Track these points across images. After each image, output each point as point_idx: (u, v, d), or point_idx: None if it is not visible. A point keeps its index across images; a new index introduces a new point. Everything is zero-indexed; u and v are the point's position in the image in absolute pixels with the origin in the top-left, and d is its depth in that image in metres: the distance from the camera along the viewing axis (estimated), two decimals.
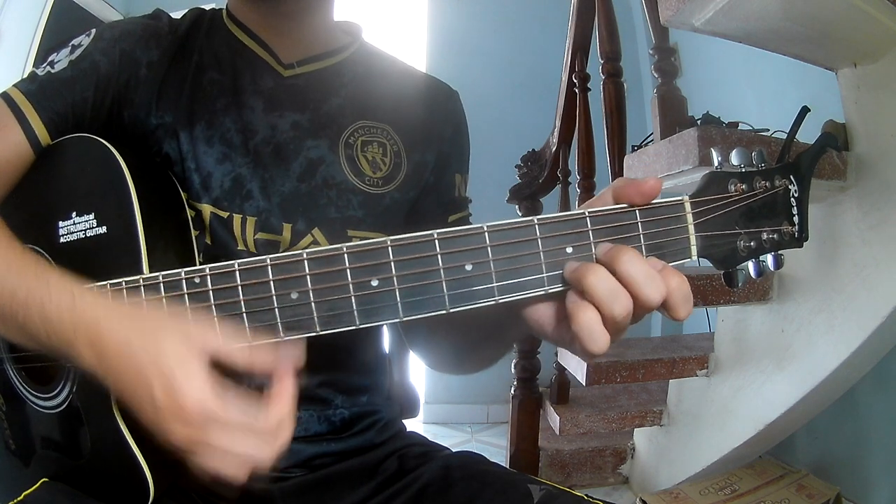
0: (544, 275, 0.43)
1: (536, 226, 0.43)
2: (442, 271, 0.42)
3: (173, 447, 0.43)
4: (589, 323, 0.41)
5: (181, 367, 0.42)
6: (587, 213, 0.43)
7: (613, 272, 0.41)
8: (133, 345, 0.43)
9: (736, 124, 1.47)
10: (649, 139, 1.59)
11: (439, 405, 2.92)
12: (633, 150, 1.56)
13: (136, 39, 0.64)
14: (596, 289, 0.41)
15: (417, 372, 0.90)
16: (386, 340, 0.81)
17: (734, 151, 0.46)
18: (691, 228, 0.45)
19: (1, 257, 0.49)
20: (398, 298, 0.42)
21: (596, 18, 1.67)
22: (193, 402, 0.41)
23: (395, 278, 0.42)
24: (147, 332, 0.43)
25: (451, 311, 0.42)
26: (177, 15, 0.69)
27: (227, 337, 0.44)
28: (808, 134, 0.49)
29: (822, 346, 1.27)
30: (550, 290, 0.43)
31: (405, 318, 0.42)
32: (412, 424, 0.81)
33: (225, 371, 0.44)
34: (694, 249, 0.45)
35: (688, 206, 0.45)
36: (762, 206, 0.46)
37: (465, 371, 0.72)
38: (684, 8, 1.10)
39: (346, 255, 0.42)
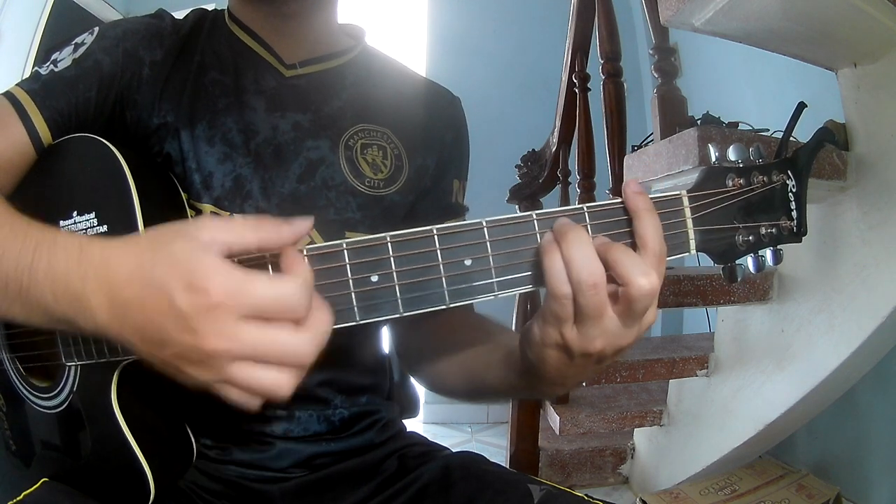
0: (539, 269, 0.43)
1: (535, 221, 0.43)
2: (441, 266, 0.42)
3: (209, 370, 0.39)
4: (553, 263, 0.41)
5: (199, 259, 0.38)
6: (585, 208, 0.44)
7: (561, 252, 0.41)
8: (144, 265, 0.39)
9: (736, 124, 1.47)
10: (649, 139, 1.59)
11: (439, 405, 2.91)
12: (633, 150, 1.56)
13: (139, 39, 0.64)
14: (547, 272, 0.41)
15: None
16: (386, 341, 0.81)
17: (732, 147, 0.46)
18: (689, 223, 0.45)
19: (6, 230, 0.46)
20: (398, 294, 0.42)
21: (596, 18, 1.67)
22: (220, 287, 0.37)
23: (394, 274, 0.42)
24: (154, 248, 0.40)
25: (452, 305, 0.42)
26: (178, 15, 0.70)
27: (234, 220, 0.40)
28: (809, 134, 0.49)
29: (822, 346, 1.27)
30: None
31: (405, 314, 0.42)
32: (412, 424, 0.81)
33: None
34: (692, 244, 0.45)
35: (686, 201, 0.45)
36: (760, 200, 0.46)
37: (465, 402, 0.72)
38: (684, 8, 1.10)
39: (345, 252, 0.42)
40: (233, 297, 0.37)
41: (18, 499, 0.55)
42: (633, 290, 0.41)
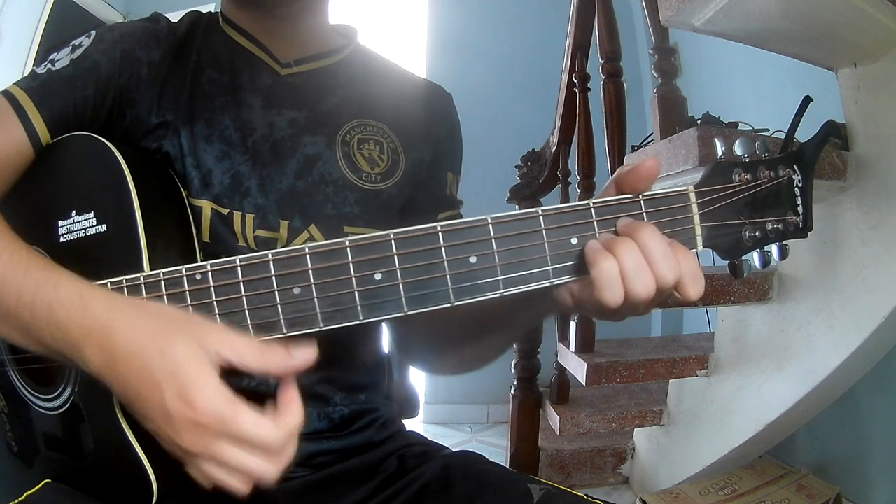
0: (549, 267, 0.43)
1: (541, 217, 0.43)
2: (446, 264, 0.42)
3: (179, 454, 0.43)
4: (609, 270, 0.41)
5: (196, 373, 0.41)
6: (592, 204, 0.43)
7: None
8: (146, 350, 0.42)
9: (736, 124, 1.47)
10: (649, 139, 1.59)
11: (439, 405, 2.91)
12: (633, 150, 1.56)
13: (136, 40, 0.65)
14: (625, 259, 0.41)
15: (417, 372, 0.90)
16: (386, 341, 0.81)
17: (738, 141, 0.46)
18: (696, 219, 0.45)
19: (6, 258, 0.48)
20: (402, 292, 0.42)
21: (596, 18, 1.67)
22: (208, 410, 0.41)
23: (398, 271, 0.42)
24: (160, 336, 0.43)
25: (456, 304, 0.42)
26: (175, 16, 0.70)
27: (240, 341, 0.43)
28: (809, 134, 0.49)
29: (822, 346, 1.27)
30: (556, 282, 0.43)
31: (409, 312, 0.42)
32: (412, 424, 0.81)
33: (230, 370, 0.44)
34: (699, 240, 0.45)
35: (692, 196, 0.45)
36: (767, 195, 0.46)
37: (465, 370, 0.72)
38: (684, 8, 1.10)
39: (348, 249, 0.41)
40: (217, 423, 0.41)
41: (20, 499, 0.54)
42: (657, 281, 0.42)
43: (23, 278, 0.46)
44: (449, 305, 0.42)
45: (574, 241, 0.43)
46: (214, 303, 0.45)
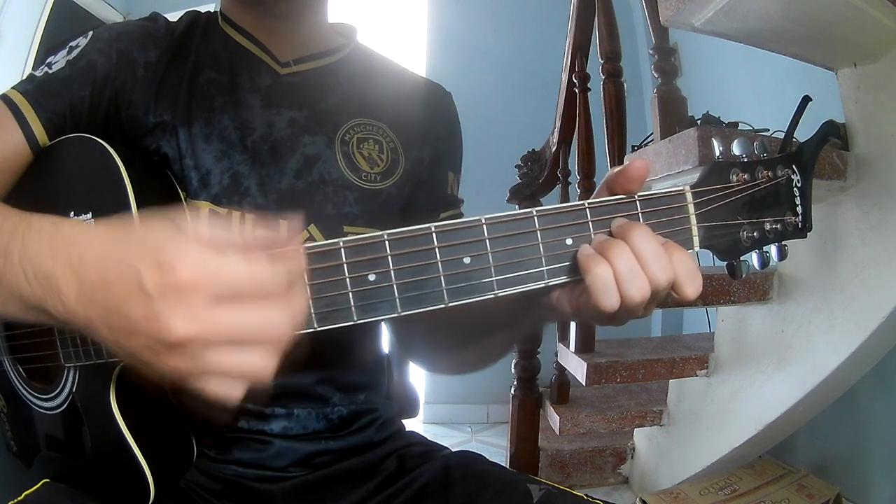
0: (544, 268, 0.43)
1: (535, 217, 0.43)
2: (440, 265, 0.42)
3: (175, 358, 0.35)
4: (603, 275, 0.41)
5: (170, 242, 0.35)
6: (587, 205, 0.43)
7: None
8: (117, 243, 0.37)
9: (736, 124, 1.47)
10: (649, 139, 1.59)
11: (439, 405, 2.92)
12: (633, 150, 1.56)
13: (133, 40, 0.65)
14: (618, 262, 0.41)
15: (417, 372, 0.90)
16: (385, 341, 0.81)
17: (736, 141, 0.45)
18: (693, 219, 0.44)
19: None
20: (396, 293, 0.41)
21: (596, 18, 1.67)
22: (189, 266, 0.34)
23: (392, 272, 0.41)
24: (128, 230, 0.38)
25: (451, 305, 0.42)
26: (174, 16, 0.70)
27: (214, 223, 0.37)
28: (809, 133, 0.49)
29: (822, 346, 1.27)
30: (551, 283, 0.43)
31: (403, 313, 0.42)
32: (412, 424, 0.81)
33: None
34: (696, 240, 0.45)
35: (689, 197, 0.44)
36: (765, 196, 0.45)
37: (467, 370, 0.72)
38: (684, 8, 1.10)
39: (342, 250, 0.41)
40: (204, 277, 0.34)
41: (19, 499, 0.54)
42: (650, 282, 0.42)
43: None
44: (443, 306, 0.42)
45: (569, 241, 0.43)
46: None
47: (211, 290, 0.34)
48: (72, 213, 0.55)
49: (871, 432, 1.49)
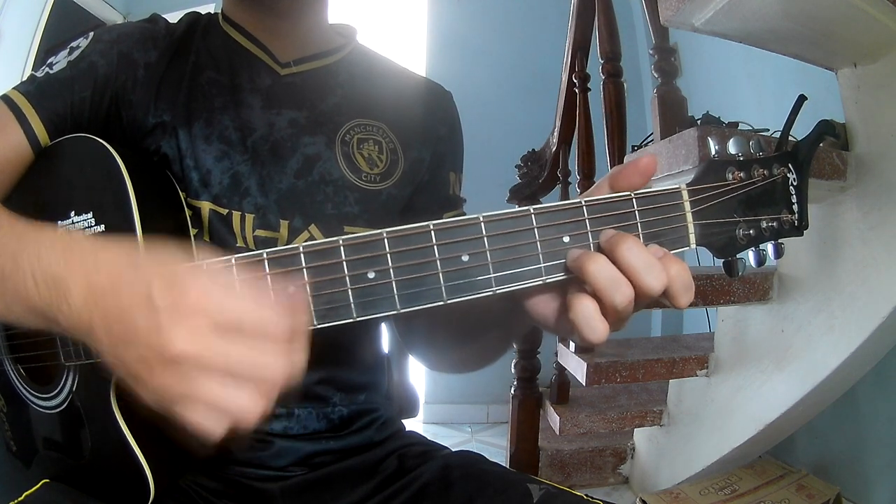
0: (542, 265, 0.43)
1: (533, 215, 0.43)
2: (438, 262, 0.42)
3: (171, 379, 0.35)
4: (586, 312, 0.41)
5: (185, 270, 0.37)
6: (584, 203, 0.43)
7: (614, 260, 0.41)
8: (132, 259, 0.39)
9: (736, 124, 1.47)
10: (649, 139, 1.59)
11: (439, 405, 2.92)
12: (633, 150, 1.57)
13: (133, 41, 0.65)
14: (597, 278, 0.40)
15: (417, 372, 0.90)
16: (385, 341, 0.81)
17: (731, 140, 0.46)
18: (689, 216, 0.44)
19: None
20: (395, 290, 0.42)
21: (596, 18, 1.68)
22: (199, 292, 0.35)
23: (391, 270, 0.42)
24: (149, 251, 0.39)
25: (449, 302, 0.42)
26: (174, 17, 0.70)
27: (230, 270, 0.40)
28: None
29: (822, 346, 1.27)
30: (548, 280, 0.43)
31: (402, 310, 0.42)
32: (412, 424, 0.81)
33: None
34: (692, 238, 0.45)
35: (685, 195, 0.45)
36: (761, 194, 0.45)
37: (466, 369, 0.72)
38: (684, 8, 1.10)
39: (342, 248, 0.41)
40: (211, 303, 0.35)
41: (19, 499, 0.55)
42: (642, 292, 0.41)
43: (9, 232, 0.44)
44: (441, 303, 0.42)
45: (566, 239, 0.43)
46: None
47: (216, 317, 0.35)
48: (73, 212, 0.55)
49: (871, 432, 1.49)
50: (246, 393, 0.36)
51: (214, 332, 0.35)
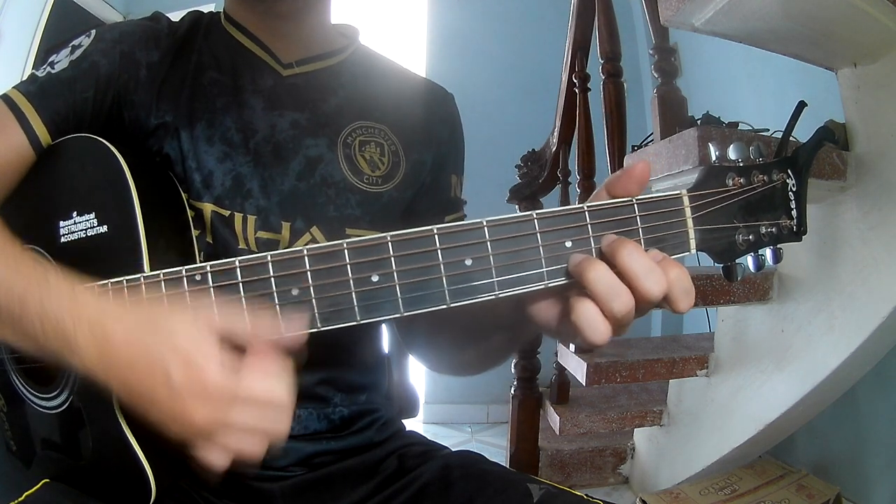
0: (544, 269, 0.43)
1: (535, 220, 0.43)
2: (442, 266, 0.42)
3: (192, 434, 0.42)
4: (588, 314, 0.42)
5: (198, 345, 0.41)
6: (586, 208, 0.43)
7: (614, 265, 0.41)
8: (142, 330, 0.41)
9: (736, 124, 1.47)
10: (649, 139, 1.59)
11: (439, 405, 2.92)
12: (633, 150, 1.56)
13: (135, 41, 0.64)
14: (596, 285, 0.41)
15: (417, 372, 0.90)
16: (385, 341, 0.81)
17: (732, 146, 0.46)
18: (690, 222, 0.45)
19: None
20: (399, 294, 0.42)
21: (596, 18, 1.67)
22: (215, 376, 0.40)
23: (395, 273, 0.42)
24: (154, 318, 0.42)
25: (452, 305, 0.42)
26: (175, 16, 0.70)
27: (228, 314, 0.43)
28: (809, 135, 0.49)
29: (822, 346, 1.27)
30: (551, 284, 0.43)
31: (406, 314, 0.42)
32: (412, 424, 0.82)
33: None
34: (693, 243, 0.45)
35: (686, 200, 0.45)
36: (760, 199, 0.46)
37: (467, 372, 0.72)
38: (684, 8, 1.10)
39: (346, 251, 0.42)
40: (227, 386, 0.40)
41: (19, 500, 0.54)
42: (642, 297, 0.42)
43: (15, 272, 0.45)
44: (445, 307, 0.43)
45: (568, 244, 0.43)
46: (214, 303, 0.45)
47: (232, 395, 0.40)
48: (75, 212, 0.55)
49: (871, 432, 1.49)
50: (255, 442, 0.42)
51: (231, 407, 0.41)
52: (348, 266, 0.42)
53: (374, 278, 0.42)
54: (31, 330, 0.44)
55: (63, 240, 0.56)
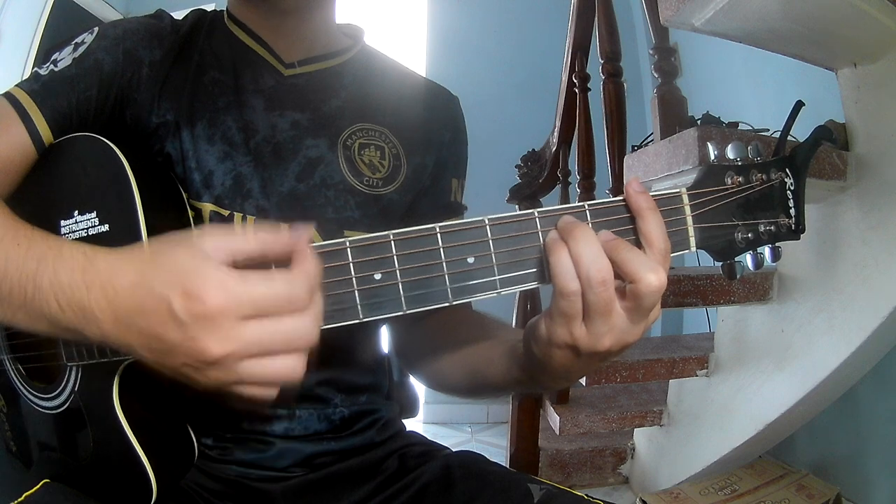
0: (546, 268, 0.43)
1: (537, 219, 0.43)
2: (444, 264, 0.43)
3: (213, 374, 0.39)
4: (560, 260, 0.42)
5: (195, 270, 0.38)
6: (587, 206, 0.44)
7: (568, 249, 0.42)
8: (146, 273, 0.39)
9: (736, 124, 1.47)
10: (649, 139, 1.59)
11: (439, 405, 2.92)
12: (633, 150, 1.56)
13: (139, 38, 0.64)
14: (555, 269, 0.42)
15: None
16: (385, 341, 0.81)
17: (730, 145, 0.47)
18: (689, 220, 0.45)
19: (8, 235, 0.46)
20: (401, 292, 0.42)
21: (596, 18, 1.67)
22: (215, 298, 0.37)
23: (398, 272, 0.42)
24: (156, 257, 0.40)
25: (454, 303, 0.43)
26: (177, 15, 0.70)
27: (227, 233, 0.40)
28: (808, 134, 0.50)
29: (822, 346, 1.27)
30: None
31: (409, 311, 0.43)
32: (412, 424, 0.81)
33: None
34: (693, 241, 0.46)
35: (685, 199, 0.46)
36: (759, 198, 0.46)
37: (461, 397, 0.71)
38: (684, 8, 1.10)
39: (349, 250, 0.42)
40: (229, 302, 0.37)
41: (19, 500, 0.54)
42: (642, 287, 0.41)
43: (26, 251, 0.45)
44: (447, 304, 0.43)
45: None
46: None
47: (237, 312, 0.38)
48: (76, 211, 0.55)
49: (871, 432, 1.50)
50: (287, 360, 0.39)
51: (241, 325, 0.38)
52: (351, 264, 0.42)
53: (377, 276, 0.42)
54: (46, 308, 0.43)
55: None
